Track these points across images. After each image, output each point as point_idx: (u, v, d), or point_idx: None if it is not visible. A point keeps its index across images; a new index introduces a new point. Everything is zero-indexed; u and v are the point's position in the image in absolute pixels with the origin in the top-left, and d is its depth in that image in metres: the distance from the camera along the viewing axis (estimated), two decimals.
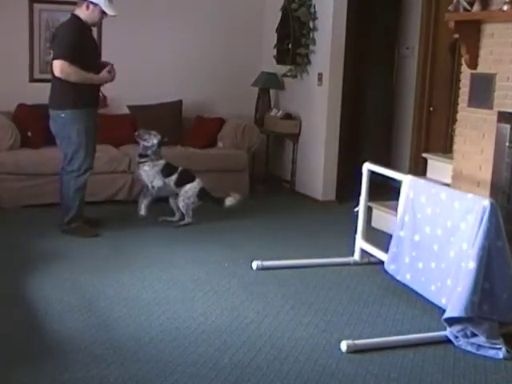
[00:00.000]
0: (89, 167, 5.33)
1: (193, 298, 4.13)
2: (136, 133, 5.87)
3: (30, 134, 6.30)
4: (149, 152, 5.79)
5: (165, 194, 5.91)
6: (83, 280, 4.36)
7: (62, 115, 5.19)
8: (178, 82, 7.32)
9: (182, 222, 5.80)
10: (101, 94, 5.47)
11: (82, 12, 5.20)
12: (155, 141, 5.79)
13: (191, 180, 5.86)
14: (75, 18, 5.22)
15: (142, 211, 5.80)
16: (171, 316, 3.84)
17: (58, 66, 5.06)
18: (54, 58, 5.10)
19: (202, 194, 5.87)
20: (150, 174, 5.77)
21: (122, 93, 6.92)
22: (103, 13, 5.23)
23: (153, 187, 5.79)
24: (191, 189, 5.81)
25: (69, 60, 5.04)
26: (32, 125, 6.26)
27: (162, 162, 5.82)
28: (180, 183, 5.82)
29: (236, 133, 6.93)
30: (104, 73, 5.26)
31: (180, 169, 5.88)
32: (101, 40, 6.96)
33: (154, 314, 3.85)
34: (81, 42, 5.17)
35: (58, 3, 6.64)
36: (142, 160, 5.80)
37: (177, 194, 5.83)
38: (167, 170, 5.82)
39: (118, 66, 5.91)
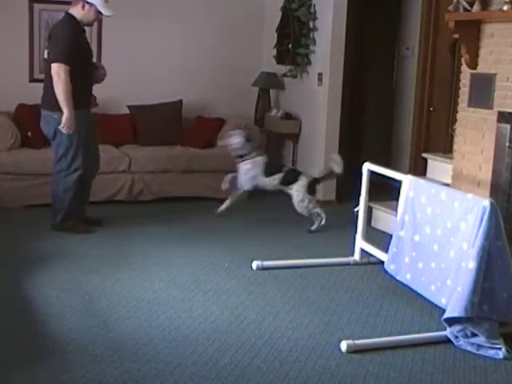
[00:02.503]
0: (78, 168, 5.30)
1: (193, 298, 4.13)
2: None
3: (29, 134, 6.31)
4: (241, 152, 5.74)
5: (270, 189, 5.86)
6: (83, 280, 4.36)
7: (55, 116, 5.17)
8: (178, 81, 7.32)
9: (314, 227, 5.75)
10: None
11: (78, 12, 5.19)
12: (239, 139, 5.75)
13: (296, 179, 5.74)
14: (71, 17, 5.21)
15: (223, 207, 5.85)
16: (171, 316, 3.84)
17: (56, 69, 5.04)
18: (52, 61, 5.09)
19: (313, 187, 5.77)
20: (249, 172, 5.72)
21: (121, 93, 6.93)
22: (99, 13, 5.22)
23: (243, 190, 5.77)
24: (299, 190, 5.69)
25: (67, 63, 5.03)
26: (32, 125, 6.25)
27: (261, 159, 5.75)
28: (285, 182, 5.75)
29: None
30: (73, 120, 5.13)
31: (286, 168, 5.88)
32: (101, 40, 6.98)
33: (154, 314, 3.85)
34: (77, 44, 5.17)
35: (58, 3, 6.63)
36: (239, 160, 5.76)
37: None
38: (270, 169, 5.75)
39: (118, 66, 5.94)
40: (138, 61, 7.17)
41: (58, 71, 5.05)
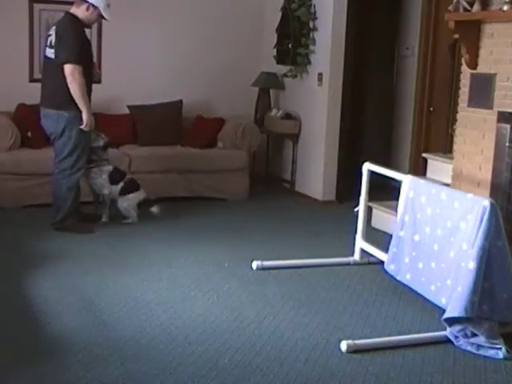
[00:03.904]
0: (81, 167, 5.37)
1: (193, 298, 4.13)
2: None
3: (29, 134, 6.31)
4: (94, 157, 5.64)
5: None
6: (83, 280, 4.36)
7: (66, 114, 5.22)
8: (178, 82, 7.32)
9: (127, 220, 5.74)
10: None
11: (82, 12, 5.24)
12: (101, 143, 5.66)
13: (136, 189, 5.77)
14: (74, 17, 5.25)
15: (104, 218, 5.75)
16: (171, 316, 3.84)
17: (71, 70, 5.10)
18: (66, 61, 5.12)
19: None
20: (99, 181, 5.65)
21: (121, 93, 6.93)
22: (101, 16, 5.31)
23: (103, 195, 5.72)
24: (134, 198, 5.72)
25: (79, 64, 5.11)
26: (32, 125, 6.25)
27: (109, 168, 5.69)
28: (124, 192, 5.71)
29: (236, 133, 6.93)
30: (92, 116, 5.22)
31: (127, 177, 5.78)
32: (101, 40, 6.97)
33: (154, 314, 3.85)
34: (83, 44, 5.24)
35: (58, 3, 6.64)
36: (89, 165, 5.62)
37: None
38: (114, 177, 5.69)
39: (118, 66, 5.92)
40: (138, 61, 7.17)
41: (73, 72, 5.10)
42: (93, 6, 5.22)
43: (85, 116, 5.19)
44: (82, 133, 5.26)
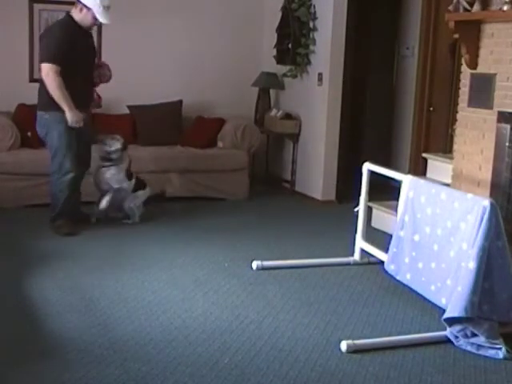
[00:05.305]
0: (68, 170, 5.31)
1: (193, 298, 4.13)
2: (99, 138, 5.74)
3: (29, 134, 6.30)
4: (113, 156, 5.69)
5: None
6: (83, 280, 4.36)
7: (46, 116, 5.21)
8: (177, 81, 7.32)
9: (128, 221, 5.76)
10: (95, 95, 5.50)
11: (76, 14, 5.20)
12: (119, 145, 5.70)
13: (143, 187, 5.83)
14: (69, 18, 5.22)
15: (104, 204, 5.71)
16: (171, 316, 3.84)
17: (45, 69, 5.07)
18: (41, 61, 5.10)
19: (148, 200, 5.86)
20: (117, 177, 5.68)
21: (121, 93, 6.93)
22: (96, 19, 5.19)
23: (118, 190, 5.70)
24: (142, 196, 5.79)
25: (56, 63, 5.04)
26: (32, 125, 6.21)
27: (125, 166, 5.76)
28: (136, 189, 5.78)
29: (236, 133, 6.93)
30: (77, 112, 5.16)
31: (135, 176, 5.83)
32: (101, 40, 6.97)
33: (154, 314, 3.85)
34: (70, 43, 5.13)
35: (58, 3, 6.64)
36: (107, 164, 5.69)
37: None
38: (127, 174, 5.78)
39: (118, 66, 5.87)
40: (138, 61, 7.17)
41: (47, 71, 5.07)
42: (86, 7, 5.12)
43: (68, 115, 5.12)
44: (63, 134, 5.20)
